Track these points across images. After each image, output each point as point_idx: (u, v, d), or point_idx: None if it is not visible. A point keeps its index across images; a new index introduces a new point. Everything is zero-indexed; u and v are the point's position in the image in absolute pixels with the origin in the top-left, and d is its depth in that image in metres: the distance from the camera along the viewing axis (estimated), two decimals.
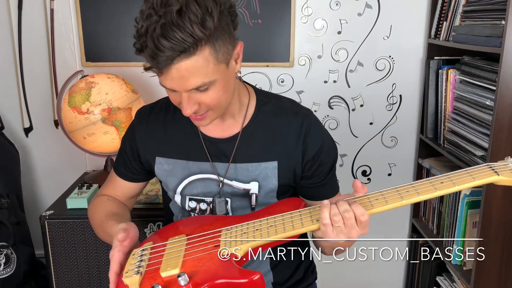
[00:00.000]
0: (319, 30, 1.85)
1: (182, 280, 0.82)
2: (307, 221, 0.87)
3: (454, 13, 1.65)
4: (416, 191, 0.83)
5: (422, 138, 1.92)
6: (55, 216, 1.47)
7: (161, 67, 0.84)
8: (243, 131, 1.06)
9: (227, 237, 0.91)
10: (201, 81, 0.87)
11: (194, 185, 1.08)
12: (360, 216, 0.82)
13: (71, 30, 1.84)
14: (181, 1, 0.81)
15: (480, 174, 0.83)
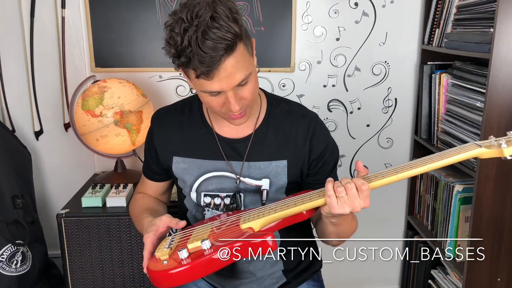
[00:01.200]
0: (318, 37, 1.95)
1: (205, 245, 0.93)
2: (315, 197, 0.96)
3: (446, 21, 1.75)
4: (411, 166, 0.92)
5: (416, 139, 2.02)
6: (71, 214, 1.54)
7: (212, 69, 0.91)
8: (255, 132, 1.15)
9: (246, 216, 1.01)
10: (244, 75, 0.96)
11: (209, 182, 1.16)
12: (362, 185, 0.90)
13: (81, 37, 1.91)
14: (209, 9, 0.90)
15: (466, 148, 0.92)
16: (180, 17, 0.91)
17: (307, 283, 1.26)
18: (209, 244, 0.94)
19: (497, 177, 1.51)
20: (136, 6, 1.87)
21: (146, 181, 1.30)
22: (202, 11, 0.89)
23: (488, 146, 0.91)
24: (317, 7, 1.90)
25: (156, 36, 1.90)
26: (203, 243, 0.93)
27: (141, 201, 1.28)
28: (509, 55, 1.39)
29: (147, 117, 1.72)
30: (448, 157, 0.90)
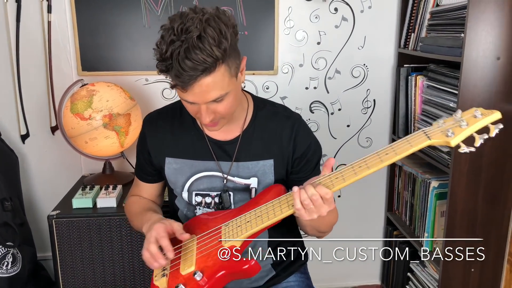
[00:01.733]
0: (300, 41, 2.02)
1: (198, 276, 1.03)
2: (285, 208, 1.02)
3: (421, 26, 1.84)
4: (367, 165, 0.95)
5: (394, 138, 2.11)
6: (62, 215, 1.57)
7: (186, 85, 0.97)
8: (243, 134, 1.21)
9: (226, 233, 1.08)
10: (218, 94, 1.01)
11: (200, 181, 1.22)
12: (325, 195, 0.94)
13: (68, 41, 1.94)
14: (199, 27, 0.94)
15: (416, 140, 0.91)
16: (172, 26, 0.96)
17: (294, 275, 1.32)
18: (201, 275, 1.03)
19: (469, 173, 1.60)
20: (122, 11, 1.91)
21: (140, 183, 1.34)
22: (192, 27, 0.94)
23: (436, 136, 0.90)
24: (298, 12, 1.98)
25: (142, 40, 1.94)
26: (195, 276, 1.03)
27: (140, 202, 1.32)
28: (478, 58, 1.49)
29: (135, 119, 1.76)
30: (401, 153, 0.92)
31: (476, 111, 0.89)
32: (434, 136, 0.89)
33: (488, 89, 1.52)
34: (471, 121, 0.88)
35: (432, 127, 0.92)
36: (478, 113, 0.89)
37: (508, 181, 1.63)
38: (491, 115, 0.88)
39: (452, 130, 0.88)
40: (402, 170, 2.08)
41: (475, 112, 0.89)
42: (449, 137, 0.87)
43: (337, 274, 2.30)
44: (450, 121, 0.91)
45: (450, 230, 1.67)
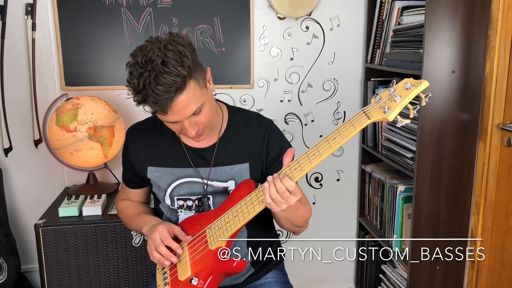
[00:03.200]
0: (274, 56, 2.15)
1: (194, 281, 1.15)
2: (256, 204, 1.11)
3: (385, 42, 1.99)
4: (319, 152, 1.02)
5: (364, 147, 2.25)
6: (49, 224, 1.63)
7: (165, 108, 1.07)
8: (220, 140, 1.30)
9: (211, 236, 1.18)
10: (196, 107, 1.11)
11: (181, 187, 1.31)
12: (290, 187, 1.03)
13: (52, 58, 2.01)
14: (160, 54, 1.04)
15: (358, 122, 0.98)
16: (137, 61, 1.06)
17: (272, 272, 1.42)
18: (197, 280, 1.15)
19: (431, 176, 1.74)
20: (105, 29, 2.00)
21: (126, 189, 1.43)
22: (154, 56, 1.04)
23: (375, 114, 0.97)
24: (272, 30, 2.11)
25: (124, 56, 1.97)
26: (192, 281, 1.15)
27: (134, 205, 1.41)
28: (436, 72, 1.64)
29: (119, 131, 1.84)
30: (347, 136, 1.00)
31: (407, 83, 0.95)
32: (373, 115, 0.97)
33: (445, 100, 1.67)
34: (404, 93, 0.95)
35: (371, 104, 0.99)
36: (409, 84, 0.95)
37: (466, 184, 1.78)
38: (420, 85, 0.94)
39: (387, 105, 0.95)
40: (372, 177, 2.21)
41: (405, 84, 0.95)
42: (386, 114, 0.95)
43: (313, 278, 2.40)
44: (386, 96, 0.97)
45: (416, 231, 1.79)
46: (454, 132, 1.71)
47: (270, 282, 1.39)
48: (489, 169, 1.73)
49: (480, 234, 1.79)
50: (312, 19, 2.12)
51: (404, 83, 0.96)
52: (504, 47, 1.63)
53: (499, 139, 1.70)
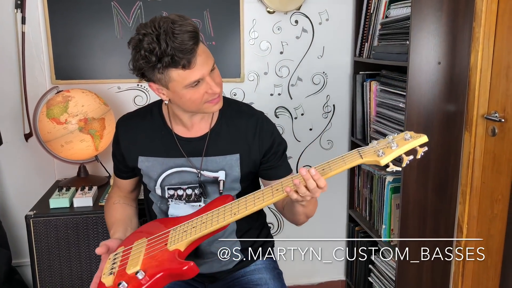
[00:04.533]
0: (264, 50, 2.17)
1: (140, 275, 1.08)
2: (228, 216, 1.11)
3: (373, 35, 2.02)
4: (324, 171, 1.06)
5: (353, 139, 2.28)
6: (40, 215, 1.63)
7: (191, 57, 1.10)
8: (211, 131, 1.32)
9: (173, 237, 1.16)
10: (212, 60, 1.18)
11: (171, 177, 1.32)
12: (322, 183, 1.06)
13: (42, 52, 2.01)
14: (165, 19, 1.11)
15: (350, 159, 1.02)
16: (145, 32, 1.10)
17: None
18: (143, 274, 1.08)
19: (419, 166, 1.77)
20: (95, 22, 2.01)
21: (117, 180, 1.45)
22: (161, 22, 1.10)
23: (369, 155, 1.00)
24: (262, 24, 2.13)
25: (114, 50, 2.04)
26: (138, 275, 1.08)
27: (113, 211, 1.41)
28: (422, 62, 1.67)
29: (109, 123, 1.85)
30: (336, 169, 1.04)
31: (406, 134, 0.99)
32: (367, 156, 1.00)
33: (431, 91, 1.71)
34: (401, 143, 0.99)
35: (367, 147, 1.03)
36: (408, 136, 0.99)
37: (452, 173, 1.81)
38: (418, 138, 0.98)
39: (383, 150, 0.98)
40: (361, 169, 2.24)
41: (405, 135, 0.99)
42: (379, 157, 0.98)
43: (304, 271, 2.42)
44: (383, 142, 1.01)
45: (404, 221, 1.82)
46: (440, 122, 1.74)
47: (260, 268, 1.41)
48: (475, 158, 1.77)
49: (466, 222, 1.82)
50: (301, 13, 2.15)
51: (404, 134, 0.99)
52: (488, 38, 1.67)
53: (484, 129, 1.73)
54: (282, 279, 1.44)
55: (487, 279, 1.79)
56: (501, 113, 1.66)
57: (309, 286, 2.46)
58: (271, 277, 1.38)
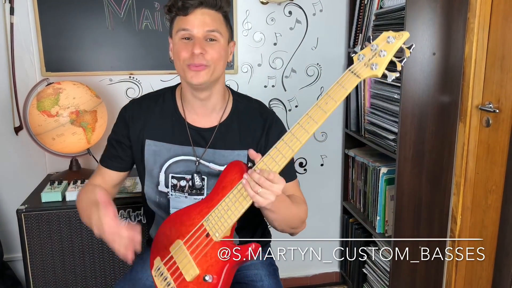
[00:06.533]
0: (258, 42, 2.15)
1: (208, 278, 1.06)
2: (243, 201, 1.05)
3: (367, 26, 2.01)
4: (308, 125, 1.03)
5: (347, 131, 2.27)
6: (31, 209, 1.61)
7: (191, 6, 1.16)
8: (222, 123, 1.29)
9: (212, 228, 1.10)
10: (215, 27, 1.18)
11: (177, 165, 1.30)
12: (268, 175, 1.00)
13: (31, 43, 1.97)
14: None
15: (349, 83, 0.99)
16: None
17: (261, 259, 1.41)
18: (211, 276, 1.06)
19: (413, 157, 1.77)
20: (86, 14, 1.97)
21: (103, 172, 1.35)
22: None
23: (364, 73, 0.97)
24: (255, 15, 2.11)
25: (106, 42, 2.01)
26: (207, 278, 1.05)
27: (91, 193, 1.25)
28: (417, 54, 1.67)
29: (101, 116, 1.82)
30: (340, 99, 1.00)
31: (389, 37, 0.96)
32: (362, 73, 0.98)
33: (426, 82, 1.70)
34: (388, 47, 0.96)
35: (355, 64, 1.00)
36: (391, 38, 0.96)
37: (447, 164, 1.81)
38: (401, 37, 0.95)
39: (374, 61, 0.96)
40: (355, 161, 2.24)
41: (387, 38, 0.96)
42: (375, 70, 0.96)
43: (298, 263, 2.42)
44: (368, 52, 0.98)
45: (399, 212, 1.83)
46: (434, 113, 1.74)
47: (256, 263, 1.39)
48: (469, 149, 1.77)
49: (460, 213, 1.83)
50: (295, 4, 2.13)
51: (385, 37, 0.96)
52: (483, 29, 1.66)
53: (478, 120, 1.73)
54: (277, 276, 1.42)
55: (481, 269, 1.80)
56: (495, 103, 1.66)
57: (303, 278, 2.46)
58: (267, 274, 1.37)
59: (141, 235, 1.04)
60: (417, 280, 1.91)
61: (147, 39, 2.03)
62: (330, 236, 2.47)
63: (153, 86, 2.08)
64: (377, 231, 2.00)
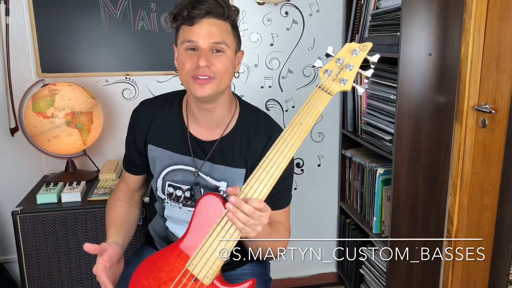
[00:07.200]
0: (254, 42, 2.15)
1: None
2: (232, 232, 1.03)
3: (364, 27, 2.01)
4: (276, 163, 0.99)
5: (344, 132, 2.27)
6: (27, 211, 1.60)
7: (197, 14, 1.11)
8: (222, 138, 1.25)
9: (198, 271, 1.06)
10: (222, 38, 1.14)
11: (175, 173, 1.28)
12: (258, 205, 0.98)
13: (26, 44, 1.96)
14: None
15: (322, 102, 1.00)
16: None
17: (250, 264, 1.39)
18: None
19: (410, 158, 1.77)
20: (82, 14, 1.96)
21: (125, 175, 1.40)
22: None
23: (335, 88, 0.99)
24: (252, 16, 2.11)
25: (102, 42, 2.00)
26: None
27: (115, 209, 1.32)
28: (413, 54, 1.67)
29: (97, 117, 1.81)
30: (315, 119, 0.99)
31: (354, 49, 0.97)
32: (333, 89, 1.00)
33: (422, 82, 1.70)
34: (354, 60, 0.98)
35: (324, 80, 1.01)
36: (356, 50, 0.98)
37: (443, 164, 1.81)
38: (367, 47, 0.97)
39: (343, 77, 0.99)
40: (352, 161, 2.24)
41: (352, 51, 0.98)
42: (345, 86, 0.99)
43: (295, 264, 2.42)
44: (335, 67, 0.99)
45: (396, 212, 1.82)
46: (431, 114, 1.74)
47: (246, 273, 1.36)
48: (465, 149, 1.77)
49: (456, 213, 1.83)
50: (292, 4, 2.12)
51: (350, 49, 0.98)
52: (479, 30, 1.66)
53: (474, 120, 1.73)
54: (269, 286, 1.38)
55: (477, 269, 1.80)
56: (491, 104, 1.66)
57: (301, 278, 2.46)
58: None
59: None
60: (414, 280, 1.91)
61: (143, 40, 2.03)
62: (327, 237, 2.47)
63: (149, 87, 2.08)
64: (374, 231, 2.00)
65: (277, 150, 1.01)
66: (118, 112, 2.07)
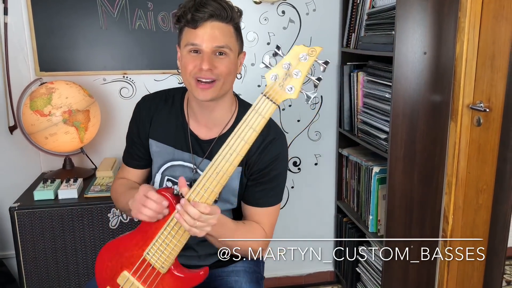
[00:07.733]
0: (251, 41, 2.16)
1: None
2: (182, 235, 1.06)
3: (360, 26, 2.02)
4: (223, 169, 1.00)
5: (340, 131, 2.27)
6: (24, 207, 1.62)
7: (201, 17, 1.11)
8: (220, 137, 1.25)
9: (156, 260, 1.10)
10: (225, 42, 1.14)
11: (174, 168, 1.29)
12: (204, 210, 1.01)
13: (25, 43, 1.98)
14: None
15: (268, 111, 0.96)
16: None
17: (243, 261, 1.38)
18: None
19: (405, 157, 1.77)
20: (79, 13, 1.98)
21: (126, 169, 1.38)
22: None
23: (280, 97, 0.95)
24: (249, 14, 2.11)
25: (99, 41, 2.02)
26: None
27: (126, 182, 1.35)
28: (408, 53, 1.67)
29: (94, 115, 1.83)
30: (260, 128, 0.95)
31: (302, 54, 0.92)
32: (278, 98, 0.95)
33: (417, 81, 1.70)
34: (301, 66, 0.93)
35: (269, 87, 0.96)
36: (304, 55, 0.92)
37: (438, 163, 1.82)
38: (315, 52, 0.92)
39: (290, 84, 0.93)
40: (348, 160, 2.24)
41: (300, 56, 0.92)
42: (291, 94, 0.94)
43: (292, 262, 2.43)
44: (281, 72, 0.94)
45: (390, 212, 1.83)
46: (426, 112, 1.74)
47: (238, 270, 1.36)
48: (460, 148, 1.77)
49: (451, 212, 1.83)
50: (288, 3, 2.13)
51: (297, 54, 0.93)
52: (474, 28, 1.66)
53: (469, 119, 1.74)
54: (261, 284, 1.38)
55: (472, 268, 1.80)
56: (486, 103, 1.66)
57: (298, 277, 2.47)
58: (247, 281, 1.33)
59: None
60: (409, 279, 1.92)
61: (140, 39, 2.04)
62: (325, 236, 2.48)
63: (146, 86, 2.09)
64: (370, 230, 2.01)
65: (223, 157, 1.00)
66: (115, 110, 2.09)
